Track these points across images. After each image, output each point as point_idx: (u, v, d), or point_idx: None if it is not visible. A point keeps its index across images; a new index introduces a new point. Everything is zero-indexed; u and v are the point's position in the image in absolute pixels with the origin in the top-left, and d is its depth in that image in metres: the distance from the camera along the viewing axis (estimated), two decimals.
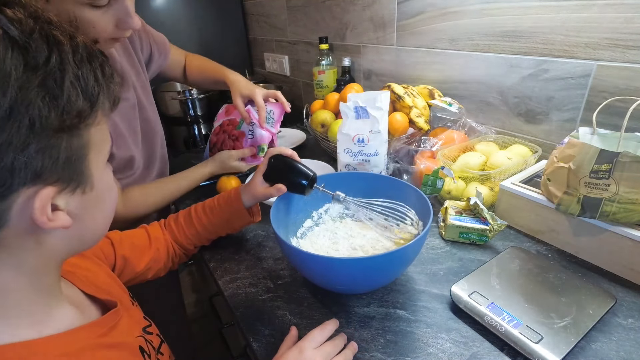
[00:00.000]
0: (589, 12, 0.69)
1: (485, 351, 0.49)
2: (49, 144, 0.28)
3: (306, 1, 1.43)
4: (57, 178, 0.30)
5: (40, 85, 0.27)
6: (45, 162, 0.28)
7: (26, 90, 0.26)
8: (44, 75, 0.28)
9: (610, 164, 0.54)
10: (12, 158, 0.27)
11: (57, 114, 0.28)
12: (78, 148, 0.31)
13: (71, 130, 0.30)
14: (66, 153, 0.30)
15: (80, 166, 0.32)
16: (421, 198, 0.61)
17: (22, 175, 0.28)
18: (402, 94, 0.95)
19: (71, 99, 0.29)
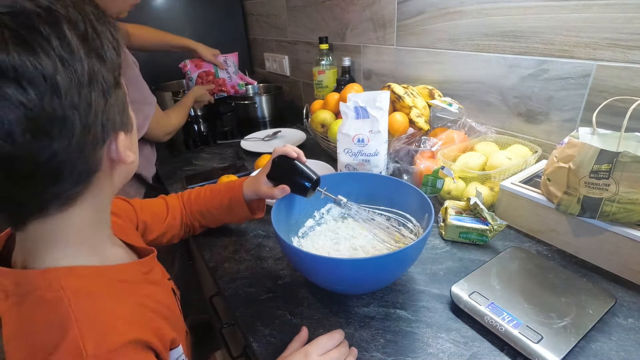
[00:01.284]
0: (589, 12, 0.69)
1: (485, 351, 0.49)
2: (115, 99, 0.36)
3: (306, 1, 1.43)
4: (123, 124, 0.38)
5: (93, 51, 0.33)
6: (118, 113, 0.37)
7: (89, 59, 0.32)
8: (93, 43, 0.33)
9: (610, 164, 0.54)
10: (101, 116, 0.34)
11: (110, 72, 0.35)
12: (123, 96, 0.39)
13: (118, 84, 0.37)
14: (122, 102, 0.38)
15: (128, 111, 0.40)
16: (422, 198, 0.61)
17: (109, 127, 0.36)
18: (402, 94, 0.95)
19: (112, 57, 0.35)
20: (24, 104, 0.29)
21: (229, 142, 1.34)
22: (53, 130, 0.31)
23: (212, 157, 1.22)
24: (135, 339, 0.37)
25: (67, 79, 0.31)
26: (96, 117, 0.34)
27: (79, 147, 0.33)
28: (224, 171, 1.03)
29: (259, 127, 1.46)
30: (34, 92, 0.29)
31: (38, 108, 0.29)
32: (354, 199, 0.72)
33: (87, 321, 0.35)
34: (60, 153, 0.32)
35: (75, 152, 0.33)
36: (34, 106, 0.29)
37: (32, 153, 0.31)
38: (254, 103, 1.52)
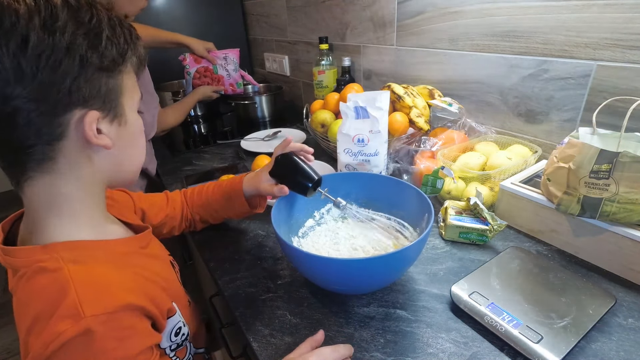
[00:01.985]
0: (589, 12, 0.69)
1: (485, 351, 0.49)
2: (93, 77, 0.39)
3: (306, 1, 1.43)
4: (100, 105, 0.40)
5: (85, 35, 0.37)
6: (92, 91, 0.39)
7: (76, 36, 0.37)
8: (88, 29, 0.38)
9: (610, 164, 0.54)
10: (69, 83, 0.37)
11: (97, 56, 0.38)
12: (114, 86, 0.41)
13: (108, 71, 0.40)
14: (106, 87, 0.40)
15: (116, 100, 0.42)
16: (422, 198, 0.61)
17: (75, 97, 0.38)
18: (402, 94, 0.95)
19: (107, 47, 0.39)
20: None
21: (229, 142, 1.34)
22: (9, 76, 0.34)
23: (212, 157, 1.22)
24: (131, 304, 0.40)
25: (39, 36, 0.35)
26: (62, 79, 0.36)
27: (34, 98, 0.36)
28: (224, 171, 1.04)
29: (259, 127, 1.46)
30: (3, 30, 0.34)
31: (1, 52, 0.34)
32: (354, 199, 0.72)
33: (84, 286, 0.38)
34: (14, 98, 0.35)
35: (31, 102, 0.36)
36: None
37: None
38: (254, 103, 1.52)
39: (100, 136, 0.40)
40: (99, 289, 0.39)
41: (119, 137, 0.43)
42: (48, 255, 0.39)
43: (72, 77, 0.37)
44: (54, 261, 0.39)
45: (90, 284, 0.39)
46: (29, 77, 0.35)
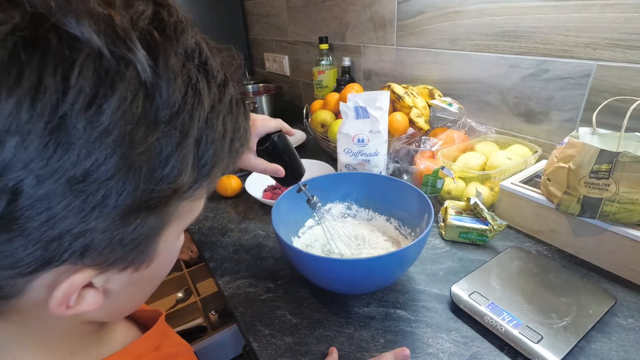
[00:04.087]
0: (589, 12, 0.69)
1: (485, 351, 0.49)
2: (114, 225, 0.20)
3: (306, 1, 1.43)
4: (106, 261, 0.22)
5: (142, 153, 0.19)
6: (99, 243, 0.21)
7: (129, 145, 0.19)
8: (155, 140, 0.20)
9: (610, 164, 0.54)
10: (59, 231, 0.19)
11: (144, 191, 0.20)
12: (152, 228, 0.23)
13: (151, 210, 0.22)
14: (132, 235, 0.22)
15: (145, 248, 0.24)
16: (422, 198, 0.61)
17: (65, 254, 0.20)
18: (402, 94, 0.95)
19: (173, 172, 0.21)
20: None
21: None
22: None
23: None
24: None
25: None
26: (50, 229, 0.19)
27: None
28: None
29: None
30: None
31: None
32: (354, 199, 0.72)
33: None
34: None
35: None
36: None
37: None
38: (254, 103, 1.52)
39: (82, 297, 0.23)
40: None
41: (126, 284, 0.26)
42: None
43: (70, 224, 0.19)
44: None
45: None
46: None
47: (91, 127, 0.17)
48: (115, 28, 0.18)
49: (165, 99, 0.20)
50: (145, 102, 0.19)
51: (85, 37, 0.17)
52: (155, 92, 0.19)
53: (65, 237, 0.19)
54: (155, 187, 0.21)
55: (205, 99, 0.22)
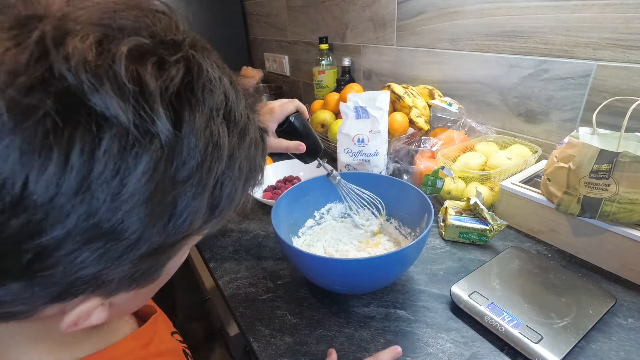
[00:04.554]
0: (589, 12, 0.69)
1: (485, 351, 0.49)
2: (128, 268, 0.22)
3: (306, 1, 1.43)
4: (116, 290, 0.24)
5: (159, 210, 0.21)
6: (111, 280, 0.22)
7: (147, 205, 0.20)
8: (172, 198, 0.21)
9: (610, 164, 0.54)
10: (78, 276, 0.21)
11: (158, 241, 0.22)
12: (162, 260, 0.25)
13: (162, 252, 0.24)
14: (142, 271, 0.24)
15: (154, 273, 0.26)
16: (422, 198, 0.61)
17: (79, 292, 0.22)
18: (402, 94, 0.95)
19: (186, 223, 0.23)
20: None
21: None
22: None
23: None
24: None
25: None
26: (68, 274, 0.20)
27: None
28: None
29: None
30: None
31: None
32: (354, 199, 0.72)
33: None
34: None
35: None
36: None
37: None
38: None
39: (87, 319, 0.25)
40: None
41: (131, 298, 0.27)
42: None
43: (88, 266, 0.21)
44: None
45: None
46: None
47: (114, 196, 0.19)
48: (142, 103, 0.19)
49: (185, 160, 0.21)
50: (165, 167, 0.20)
51: (113, 115, 0.18)
52: (176, 155, 0.20)
53: (83, 280, 0.21)
54: (168, 237, 0.23)
55: (224, 151, 0.23)
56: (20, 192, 0.17)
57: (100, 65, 0.18)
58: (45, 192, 0.18)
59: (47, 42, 0.17)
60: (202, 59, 0.22)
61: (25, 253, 0.19)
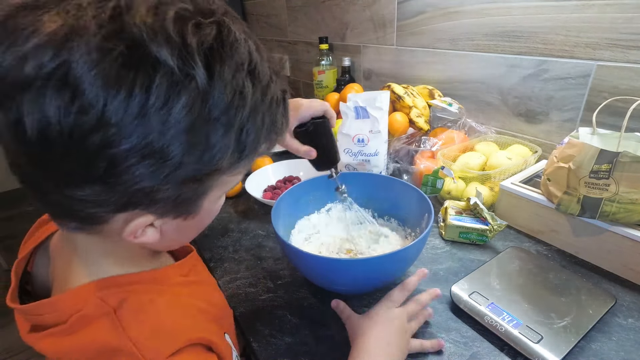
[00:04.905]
0: (589, 12, 0.69)
1: (485, 351, 0.49)
2: (173, 188, 0.28)
3: (306, 1, 1.43)
4: (164, 211, 0.31)
5: (196, 140, 0.27)
6: (160, 198, 0.29)
7: (186, 134, 0.26)
8: (206, 131, 0.27)
9: (610, 164, 0.54)
10: (138, 188, 0.27)
11: (195, 168, 0.28)
12: (198, 192, 0.32)
13: (198, 181, 0.30)
14: (184, 196, 0.30)
15: (193, 203, 0.32)
16: (422, 198, 0.61)
17: (138, 203, 0.29)
18: (402, 94, 0.95)
19: (217, 156, 0.28)
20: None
21: None
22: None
23: None
24: (192, 340, 0.36)
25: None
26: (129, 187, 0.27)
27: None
28: None
29: None
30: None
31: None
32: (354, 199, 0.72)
33: (137, 330, 0.33)
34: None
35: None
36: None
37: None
38: None
39: (144, 232, 0.32)
40: (153, 331, 0.34)
41: (177, 228, 0.35)
42: (84, 301, 0.33)
43: (139, 182, 0.27)
44: (95, 307, 0.33)
45: (143, 328, 0.33)
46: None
47: (164, 121, 0.25)
48: (184, 52, 0.25)
49: (216, 102, 0.27)
50: (201, 105, 0.26)
51: (163, 60, 0.24)
52: (209, 97, 0.26)
53: (141, 192, 0.27)
54: (203, 166, 0.28)
55: (248, 101, 0.28)
56: (101, 112, 0.23)
57: (155, 23, 0.24)
58: (117, 113, 0.24)
59: (122, 6, 0.24)
60: (231, 24, 0.28)
61: (102, 162, 0.25)
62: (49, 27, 0.23)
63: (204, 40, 0.26)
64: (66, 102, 0.23)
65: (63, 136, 0.24)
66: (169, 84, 0.24)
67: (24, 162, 0.26)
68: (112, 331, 0.32)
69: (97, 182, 0.26)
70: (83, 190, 0.26)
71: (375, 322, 0.47)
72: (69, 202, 0.28)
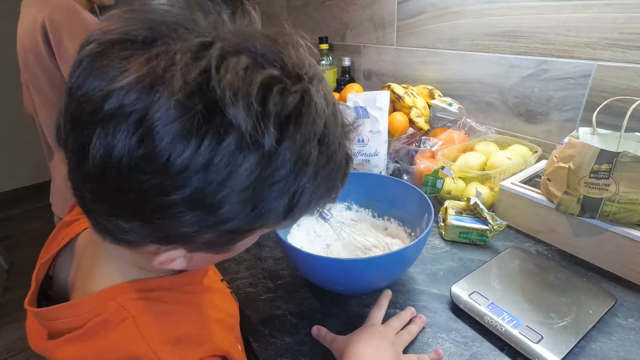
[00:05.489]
0: (589, 12, 0.69)
1: (485, 351, 0.49)
2: (213, 237, 0.29)
3: (306, 1, 1.43)
4: (197, 249, 0.31)
5: (251, 200, 0.27)
6: (199, 241, 0.30)
7: (242, 193, 0.26)
8: (261, 193, 0.27)
9: (610, 164, 0.54)
10: (179, 231, 0.28)
11: (243, 225, 0.29)
12: (238, 238, 0.32)
13: (241, 235, 0.31)
14: (223, 240, 0.31)
15: (229, 246, 0.33)
16: (422, 198, 0.61)
17: (175, 242, 0.30)
18: (402, 94, 0.95)
19: (265, 215, 0.29)
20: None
21: None
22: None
23: None
24: (211, 351, 0.36)
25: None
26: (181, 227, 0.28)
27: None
28: None
29: None
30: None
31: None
32: (354, 199, 0.72)
33: (158, 339, 0.33)
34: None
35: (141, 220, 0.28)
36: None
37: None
38: None
39: (173, 261, 0.32)
40: (176, 341, 0.34)
41: (205, 259, 0.35)
42: (104, 305, 0.33)
43: (184, 226, 0.27)
44: (114, 312, 0.33)
45: (163, 336, 0.33)
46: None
47: (221, 181, 0.25)
48: (260, 120, 0.25)
49: (279, 167, 0.27)
50: (262, 169, 0.26)
51: (237, 124, 0.24)
52: (273, 162, 0.26)
53: (179, 234, 0.28)
54: (249, 223, 0.29)
55: (311, 168, 0.28)
56: (165, 162, 0.24)
57: (240, 87, 0.24)
58: (179, 166, 0.24)
59: (212, 63, 0.24)
60: (314, 92, 0.28)
61: (151, 204, 0.26)
62: (139, 72, 0.24)
63: (283, 108, 0.26)
64: (133, 146, 0.24)
65: (121, 174, 0.24)
66: (237, 147, 0.25)
67: (81, 184, 0.27)
68: (132, 338, 0.32)
69: (143, 220, 0.27)
70: (127, 223, 0.27)
71: (360, 335, 0.48)
72: (113, 228, 0.29)
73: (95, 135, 0.24)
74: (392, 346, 0.47)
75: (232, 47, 0.26)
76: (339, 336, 0.50)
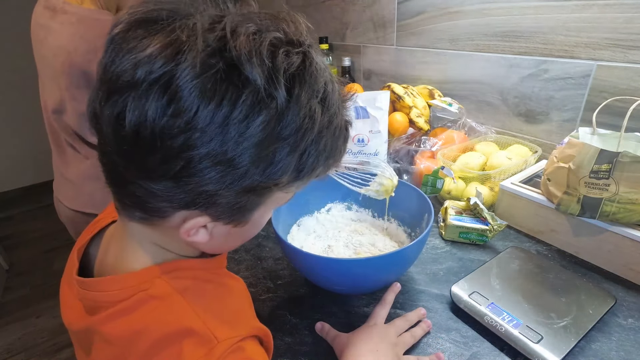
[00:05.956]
0: (589, 12, 0.69)
1: (485, 351, 0.49)
2: (233, 196, 0.31)
3: (306, 1, 1.43)
4: (220, 215, 0.33)
5: (264, 155, 0.29)
6: (220, 202, 0.31)
7: (257, 147, 0.29)
8: (274, 148, 0.30)
9: (610, 164, 0.54)
10: (203, 190, 0.29)
11: (257, 180, 0.30)
12: (252, 203, 0.34)
13: (256, 192, 0.32)
14: (240, 204, 0.33)
15: (246, 212, 0.35)
16: (421, 198, 0.61)
17: (200, 204, 0.31)
18: (402, 94, 0.95)
19: (278, 172, 0.31)
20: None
21: None
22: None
23: None
24: (253, 331, 0.38)
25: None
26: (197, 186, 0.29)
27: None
28: None
29: None
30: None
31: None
32: (354, 199, 0.72)
33: (205, 314, 0.34)
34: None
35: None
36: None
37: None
38: None
39: (197, 232, 0.34)
40: (223, 316, 0.36)
41: (226, 233, 0.36)
42: (149, 281, 0.35)
43: (205, 185, 0.29)
44: (160, 287, 0.35)
45: (213, 312, 0.35)
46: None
47: (241, 133, 0.28)
48: (272, 74, 0.28)
49: (289, 122, 0.29)
50: (275, 123, 0.29)
51: (253, 78, 0.27)
52: (284, 117, 0.29)
53: (206, 194, 0.30)
54: (264, 179, 0.31)
55: (316, 125, 0.31)
56: (192, 116, 0.26)
57: (252, 47, 0.27)
58: (204, 120, 0.27)
59: (227, 30, 0.28)
60: (314, 55, 0.31)
61: (180, 160, 0.28)
62: (163, 41, 0.27)
63: (289, 66, 0.29)
64: (164, 105, 0.26)
65: (154, 134, 0.27)
66: (253, 101, 0.27)
67: (114, 151, 0.29)
68: (185, 314, 0.34)
69: (171, 179, 0.29)
70: (157, 184, 0.29)
71: (360, 336, 0.48)
72: (143, 192, 0.30)
73: (129, 102, 0.27)
74: (392, 348, 0.47)
75: (240, 19, 0.29)
76: (341, 334, 0.50)
